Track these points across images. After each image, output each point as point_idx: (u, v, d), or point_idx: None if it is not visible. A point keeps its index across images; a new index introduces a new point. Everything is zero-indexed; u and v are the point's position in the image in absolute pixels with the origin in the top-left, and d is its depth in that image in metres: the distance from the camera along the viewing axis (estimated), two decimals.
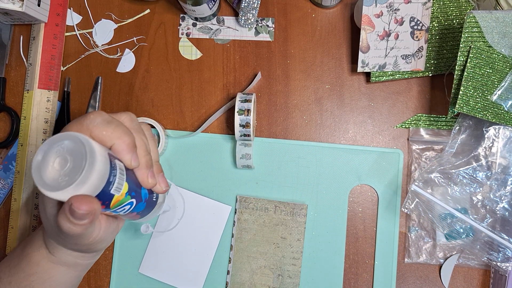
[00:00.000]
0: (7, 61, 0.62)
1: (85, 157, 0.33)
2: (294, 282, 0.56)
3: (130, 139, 0.38)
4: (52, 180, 0.34)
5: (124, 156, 0.37)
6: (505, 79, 0.50)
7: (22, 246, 0.45)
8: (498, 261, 0.52)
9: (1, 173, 0.60)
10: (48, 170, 0.34)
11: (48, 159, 0.34)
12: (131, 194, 0.40)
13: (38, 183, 0.34)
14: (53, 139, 0.35)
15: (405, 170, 0.58)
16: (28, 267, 0.44)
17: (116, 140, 0.37)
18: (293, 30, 0.61)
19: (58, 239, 0.41)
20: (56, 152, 0.34)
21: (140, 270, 0.58)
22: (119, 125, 0.38)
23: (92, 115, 0.37)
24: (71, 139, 0.34)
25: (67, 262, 0.44)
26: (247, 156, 0.56)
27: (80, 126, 0.36)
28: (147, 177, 0.40)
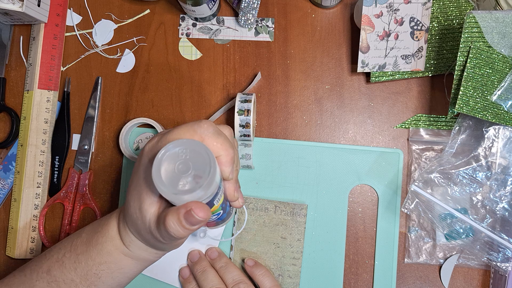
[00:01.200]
0: (7, 61, 0.62)
1: (209, 168, 0.35)
2: (294, 282, 0.56)
3: (234, 152, 0.40)
4: (170, 181, 0.35)
5: (226, 168, 0.39)
6: (505, 79, 0.50)
7: (89, 234, 0.45)
8: (498, 261, 0.52)
9: (1, 173, 0.60)
10: (168, 170, 0.35)
11: (171, 161, 0.35)
12: (222, 205, 0.42)
13: (157, 181, 0.34)
14: (178, 143, 0.36)
15: (405, 170, 0.58)
16: (98, 256, 0.44)
17: (223, 152, 0.39)
18: (293, 30, 0.61)
19: (147, 236, 0.41)
20: (179, 156, 0.35)
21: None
22: (226, 138, 0.40)
23: (206, 124, 0.38)
24: (196, 147, 0.36)
25: (139, 257, 0.45)
26: (247, 156, 0.56)
27: (193, 133, 0.38)
28: (234, 190, 0.42)
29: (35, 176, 0.58)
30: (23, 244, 0.58)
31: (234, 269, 0.54)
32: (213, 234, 0.57)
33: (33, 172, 0.58)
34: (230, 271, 0.54)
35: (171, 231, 0.37)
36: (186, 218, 0.35)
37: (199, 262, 0.55)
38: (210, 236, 0.57)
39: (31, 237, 0.58)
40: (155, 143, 0.40)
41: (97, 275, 0.44)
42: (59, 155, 0.60)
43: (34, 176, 0.58)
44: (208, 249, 0.57)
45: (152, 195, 0.39)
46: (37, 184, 0.59)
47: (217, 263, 0.55)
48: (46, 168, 0.59)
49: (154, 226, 0.39)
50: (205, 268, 0.54)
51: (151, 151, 0.40)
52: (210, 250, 0.57)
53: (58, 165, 0.60)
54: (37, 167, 0.59)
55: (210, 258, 0.56)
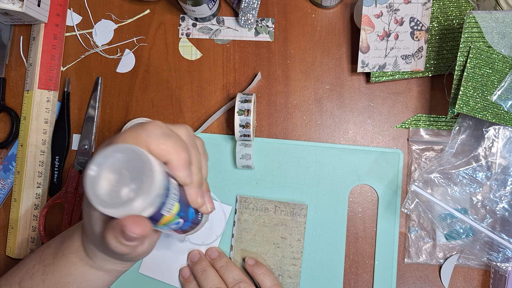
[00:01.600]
0: (7, 61, 0.62)
1: (144, 175, 0.31)
2: (294, 282, 0.56)
3: (188, 155, 0.36)
4: (106, 195, 0.32)
5: (180, 172, 0.36)
6: (505, 79, 0.50)
7: (57, 245, 0.45)
8: (498, 261, 0.52)
9: (1, 173, 0.60)
10: (102, 184, 0.32)
11: (104, 172, 0.32)
12: (180, 214, 0.37)
13: (91, 197, 0.32)
14: (110, 151, 0.32)
15: (405, 170, 0.58)
16: (64, 267, 0.43)
17: (173, 155, 0.35)
18: (293, 30, 0.61)
19: (101, 248, 0.40)
20: (113, 165, 0.32)
21: (140, 270, 0.58)
22: (178, 139, 0.36)
23: (152, 126, 0.35)
24: (129, 153, 0.32)
25: (104, 268, 0.43)
26: (247, 156, 0.56)
27: (137, 137, 0.34)
28: (197, 196, 0.38)
29: (35, 176, 0.58)
30: (23, 244, 0.58)
31: (235, 268, 0.54)
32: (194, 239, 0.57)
33: (33, 172, 0.58)
34: (230, 271, 0.53)
35: (112, 247, 0.34)
36: (122, 235, 0.32)
37: (199, 262, 0.55)
38: (191, 241, 0.56)
39: (31, 237, 0.58)
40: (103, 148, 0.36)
41: (64, 286, 0.43)
42: (59, 155, 0.60)
43: (34, 176, 0.58)
44: (208, 249, 0.57)
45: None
46: (37, 184, 0.59)
47: (217, 262, 0.55)
48: (46, 168, 0.59)
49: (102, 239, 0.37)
50: (205, 268, 0.54)
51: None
52: (210, 250, 0.57)
53: (58, 165, 0.60)
54: (37, 167, 0.59)
55: (210, 258, 0.56)
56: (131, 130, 0.35)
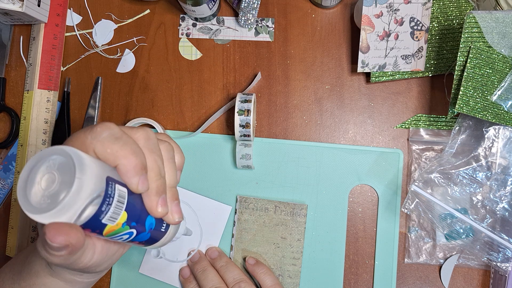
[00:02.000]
0: (7, 61, 0.62)
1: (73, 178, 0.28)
2: (294, 282, 0.56)
3: (139, 159, 0.33)
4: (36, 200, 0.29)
5: (129, 179, 0.32)
6: (505, 79, 0.50)
7: (28, 251, 0.43)
8: (498, 261, 0.52)
9: (1, 173, 0.60)
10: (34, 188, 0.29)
11: (36, 176, 0.30)
12: (131, 224, 0.34)
13: (21, 202, 0.29)
14: (42, 153, 0.30)
15: (405, 170, 0.58)
16: (28, 276, 0.40)
17: (122, 160, 0.32)
18: (293, 30, 0.61)
19: None
20: (46, 168, 0.30)
21: (140, 270, 0.58)
22: (128, 142, 0.33)
23: (99, 127, 0.32)
24: (63, 155, 0.29)
25: (65, 278, 0.40)
26: (247, 156, 0.56)
27: (83, 139, 0.32)
28: (157, 205, 0.35)
29: None
30: (23, 244, 0.58)
31: (235, 268, 0.54)
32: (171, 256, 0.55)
33: None
34: (230, 270, 0.53)
35: (44, 257, 0.31)
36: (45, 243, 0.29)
37: (199, 261, 0.55)
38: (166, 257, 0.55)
39: (31, 237, 0.58)
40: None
41: None
42: None
43: None
44: (208, 248, 0.57)
45: None
46: None
47: (217, 262, 0.55)
48: None
49: None
50: (206, 268, 0.54)
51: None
52: (210, 250, 0.57)
53: None
54: None
55: (211, 257, 0.56)
56: (79, 132, 0.33)
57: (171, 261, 0.56)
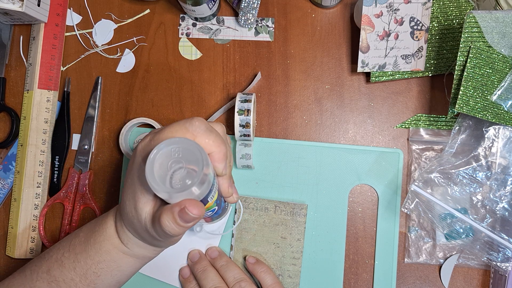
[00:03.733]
0: (7, 61, 0.62)
1: (201, 165, 0.35)
2: (294, 282, 0.56)
3: (226, 149, 0.40)
4: (163, 180, 0.35)
5: (219, 164, 0.39)
6: (505, 79, 0.50)
7: (87, 234, 0.46)
8: (498, 261, 0.52)
9: (1, 173, 0.60)
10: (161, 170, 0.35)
11: (163, 160, 0.35)
12: (217, 201, 0.42)
13: (151, 180, 0.35)
14: (169, 141, 0.36)
15: (405, 170, 0.58)
16: (97, 255, 0.44)
17: (215, 149, 0.39)
18: (293, 30, 0.61)
19: (143, 234, 0.42)
20: (172, 154, 0.36)
21: (140, 270, 0.58)
22: (218, 135, 0.40)
23: (197, 122, 0.38)
24: (188, 145, 0.36)
25: (137, 254, 0.45)
26: (247, 156, 0.56)
27: (185, 131, 0.38)
28: (228, 186, 0.43)
29: (35, 176, 0.58)
30: (23, 244, 0.58)
31: (235, 267, 0.54)
32: (210, 229, 0.57)
33: (33, 172, 0.58)
34: (231, 270, 0.54)
35: (166, 229, 0.37)
36: (181, 216, 0.36)
37: (200, 261, 0.55)
38: (207, 230, 0.57)
39: (31, 237, 0.58)
40: (148, 142, 0.40)
41: (96, 273, 0.44)
42: (59, 155, 0.60)
43: (34, 176, 0.58)
44: (208, 248, 0.57)
45: (147, 194, 0.39)
46: (37, 184, 0.59)
47: (217, 262, 0.55)
48: (46, 168, 0.59)
49: (149, 224, 0.39)
50: (206, 268, 0.54)
51: (144, 150, 0.40)
52: (210, 250, 0.57)
53: (58, 165, 0.60)
54: (37, 167, 0.59)
55: (211, 257, 0.56)
56: (179, 125, 0.39)
57: (210, 233, 0.57)
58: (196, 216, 0.36)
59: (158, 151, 0.36)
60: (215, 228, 0.57)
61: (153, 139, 0.39)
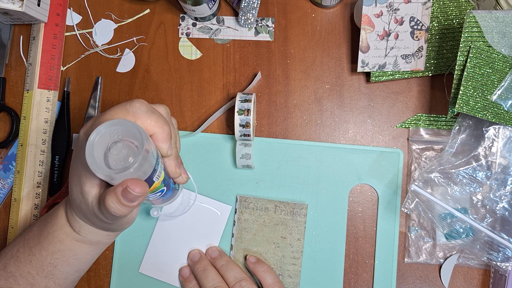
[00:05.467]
0: (7, 61, 0.62)
1: (142, 145, 0.35)
2: (294, 282, 0.56)
3: (169, 129, 0.40)
4: (105, 162, 0.35)
5: (163, 144, 0.40)
6: (505, 79, 0.50)
7: (40, 226, 0.46)
8: (498, 261, 0.52)
9: (1, 173, 0.60)
10: (101, 152, 0.36)
11: (103, 142, 0.36)
12: (165, 182, 0.42)
13: (91, 163, 0.35)
14: (108, 124, 0.36)
15: (405, 170, 0.58)
16: (51, 245, 0.44)
17: (158, 129, 0.39)
18: (293, 30, 0.61)
19: (93, 218, 0.42)
20: (111, 136, 0.36)
21: (140, 270, 0.58)
22: (160, 115, 0.40)
23: (138, 103, 0.39)
24: (127, 126, 0.36)
25: (91, 241, 0.46)
26: (247, 156, 0.56)
27: (126, 112, 0.38)
28: (175, 167, 0.43)
29: (35, 176, 0.58)
30: None
31: (235, 267, 0.54)
32: (167, 211, 0.57)
33: (33, 171, 0.58)
34: (231, 269, 0.54)
35: (112, 210, 0.37)
36: (124, 195, 0.36)
37: (200, 261, 0.55)
38: (164, 213, 0.57)
39: None
40: (89, 127, 0.40)
41: (52, 264, 0.45)
42: (59, 155, 0.60)
43: (34, 175, 0.58)
44: (208, 248, 0.57)
45: (92, 178, 0.39)
46: (37, 183, 0.59)
47: (217, 261, 0.55)
48: (46, 167, 0.59)
49: (96, 207, 0.39)
50: (206, 267, 0.54)
51: (85, 134, 0.40)
52: (210, 249, 0.57)
53: (58, 165, 0.60)
54: (37, 166, 0.59)
55: (211, 257, 0.56)
56: (119, 107, 0.39)
57: (168, 216, 0.57)
58: (139, 194, 0.36)
59: (97, 134, 0.36)
60: (172, 210, 0.57)
61: (94, 123, 0.39)
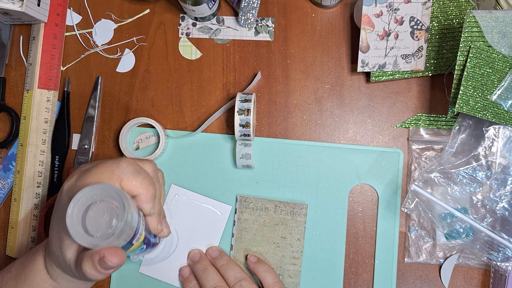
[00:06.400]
0: (7, 61, 0.62)
1: (123, 213, 0.35)
2: (294, 282, 0.56)
3: (154, 190, 0.41)
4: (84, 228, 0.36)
5: (146, 205, 0.41)
6: (505, 79, 0.50)
7: (18, 269, 0.46)
8: (498, 261, 0.52)
9: (1, 173, 0.60)
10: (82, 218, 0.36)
11: (84, 208, 0.36)
12: (145, 241, 0.43)
13: (72, 230, 0.35)
14: (89, 190, 0.36)
15: (405, 170, 0.58)
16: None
17: (142, 190, 0.40)
18: (293, 30, 0.61)
19: (69, 272, 0.42)
20: (93, 202, 0.36)
21: (140, 270, 0.58)
22: (146, 175, 0.41)
23: (125, 164, 0.39)
24: (110, 192, 0.36)
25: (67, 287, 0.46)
26: (247, 156, 0.56)
27: (111, 174, 0.39)
28: (157, 224, 0.44)
29: (35, 176, 0.58)
30: (23, 244, 0.58)
31: (236, 267, 0.54)
32: (149, 257, 0.57)
33: (33, 171, 0.58)
34: (231, 269, 0.54)
35: (87, 275, 0.38)
36: (100, 264, 0.36)
37: (200, 261, 0.55)
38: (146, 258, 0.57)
39: (31, 237, 0.58)
40: (74, 182, 0.40)
41: None
42: (59, 155, 0.60)
43: (34, 175, 0.58)
44: (208, 248, 0.57)
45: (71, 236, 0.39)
46: (37, 183, 0.59)
47: (218, 261, 0.55)
48: (46, 167, 0.59)
49: (73, 265, 0.40)
50: (206, 267, 0.54)
51: (70, 190, 0.40)
52: (210, 249, 0.57)
53: (58, 165, 0.60)
54: (37, 166, 0.59)
55: (211, 257, 0.56)
56: (105, 167, 0.39)
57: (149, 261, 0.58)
58: (115, 265, 0.36)
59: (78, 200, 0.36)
60: (153, 256, 0.57)
61: (79, 179, 0.40)
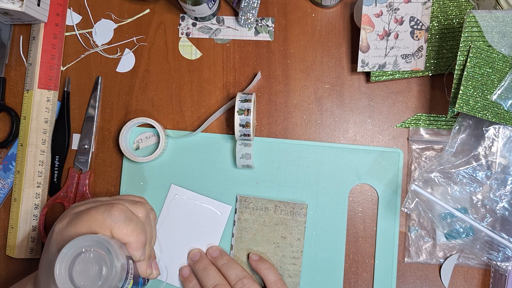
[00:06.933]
0: (7, 61, 0.62)
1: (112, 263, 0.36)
2: (294, 282, 0.56)
3: (145, 237, 0.42)
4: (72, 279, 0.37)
5: (136, 253, 0.41)
6: (505, 79, 0.50)
7: None
8: (498, 261, 0.52)
9: (1, 173, 0.60)
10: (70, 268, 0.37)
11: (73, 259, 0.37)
12: (135, 282, 0.43)
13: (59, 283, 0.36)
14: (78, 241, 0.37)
15: (405, 170, 0.58)
16: None
17: (133, 238, 0.41)
18: (293, 30, 0.61)
19: None
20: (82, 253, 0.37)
21: None
22: (138, 222, 0.41)
23: (116, 212, 0.40)
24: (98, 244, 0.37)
25: None
26: (247, 156, 0.56)
27: (102, 222, 0.39)
28: (146, 268, 0.45)
29: (35, 176, 0.58)
30: (23, 244, 0.58)
31: (237, 265, 0.54)
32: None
33: (33, 171, 0.58)
34: (233, 268, 0.54)
35: None
36: None
37: (200, 260, 0.55)
38: None
39: (31, 237, 0.58)
40: (65, 226, 0.40)
41: None
42: (59, 155, 0.60)
43: (34, 175, 0.58)
44: (209, 247, 0.57)
45: None
46: (37, 183, 0.59)
47: (219, 261, 0.55)
48: (46, 167, 0.59)
49: None
50: (206, 266, 0.54)
51: (60, 234, 0.41)
52: (211, 249, 0.57)
53: (58, 165, 0.60)
54: (37, 166, 0.59)
55: (212, 256, 0.56)
56: (97, 214, 0.40)
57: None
58: None
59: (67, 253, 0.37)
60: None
61: (70, 223, 0.40)
